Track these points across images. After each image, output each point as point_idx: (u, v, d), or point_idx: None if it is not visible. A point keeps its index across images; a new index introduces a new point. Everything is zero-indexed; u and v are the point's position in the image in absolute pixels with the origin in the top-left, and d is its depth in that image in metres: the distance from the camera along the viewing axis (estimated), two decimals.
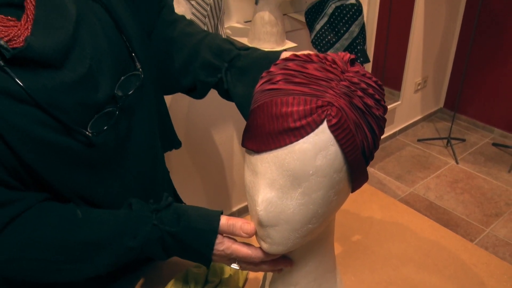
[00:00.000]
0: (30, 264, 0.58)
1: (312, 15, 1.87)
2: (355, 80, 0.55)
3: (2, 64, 0.51)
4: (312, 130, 0.53)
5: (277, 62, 0.60)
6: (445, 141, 3.14)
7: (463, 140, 3.17)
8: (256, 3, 1.62)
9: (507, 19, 2.96)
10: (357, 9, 1.75)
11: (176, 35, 0.79)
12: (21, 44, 0.52)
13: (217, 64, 0.75)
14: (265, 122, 0.55)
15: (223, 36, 1.51)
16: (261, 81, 0.59)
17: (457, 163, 2.92)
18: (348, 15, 1.75)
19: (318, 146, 0.54)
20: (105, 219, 0.61)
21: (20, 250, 0.57)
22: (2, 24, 0.52)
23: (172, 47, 0.78)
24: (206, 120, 1.92)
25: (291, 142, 0.54)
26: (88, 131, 0.58)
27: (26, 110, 0.53)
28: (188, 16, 1.39)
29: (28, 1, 0.54)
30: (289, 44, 1.73)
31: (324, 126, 0.53)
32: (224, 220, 0.63)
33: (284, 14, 1.90)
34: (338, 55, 0.57)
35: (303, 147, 0.54)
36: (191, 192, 2.09)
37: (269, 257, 0.64)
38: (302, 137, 0.53)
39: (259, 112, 0.56)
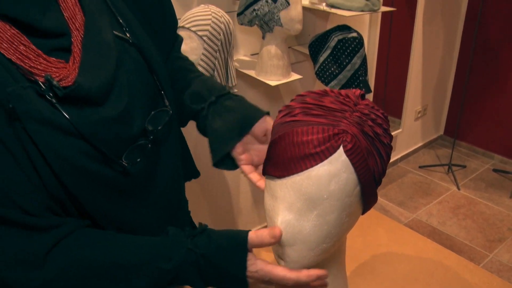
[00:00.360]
0: (71, 285, 0.62)
1: (315, 48, 1.96)
2: (366, 111, 0.62)
3: (54, 101, 0.57)
4: (330, 154, 0.60)
5: (295, 97, 0.67)
6: (446, 167, 3.20)
7: (464, 167, 3.23)
8: (263, 37, 1.71)
9: (502, 49, 3.06)
10: (359, 42, 1.84)
11: (177, 68, 0.86)
12: (69, 83, 0.59)
13: (205, 95, 0.81)
14: (286, 150, 0.62)
15: (232, 69, 1.60)
16: (280, 115, 0.66)
17: (458, 189, 2.97)
18: (350, 48, 1.84)
19: (332, 173, 0.60)
20: (142, 243, 0.65)
21: (62, 272, 0.60)
22: (54, 66, 0.59)
23: (175, 75, 0.85)
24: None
25: (310, 167, 0.61)
26: (124, 162, 0.64)
27: (72, 142, 0.59)
28: (200, 50, 1.48)
29: (74, 45, 0.61)
30: (295, 76, 1.81)
31: (340, 152, 0.60)
32: (252, 234, 0.65)
33: (289, 47, 1.99)
34: (350, 90, 0.65)
35: (319, 173, 0.60)
36: (198, 219, 2.13)
37: (303, 277, 0.65)
38: (321, 161, 0.60)
39: (280, 141, 0.63)
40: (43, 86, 0.57)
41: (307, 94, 0.66)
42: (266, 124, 0.78)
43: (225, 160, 0.79)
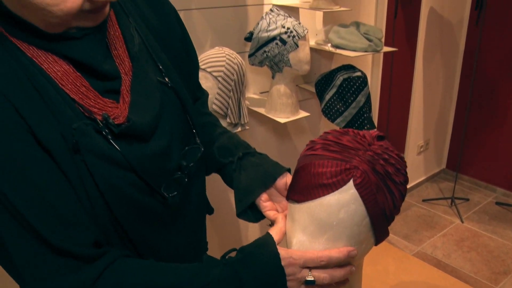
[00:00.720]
0: None
1: (321, 86, 2.06)
2: (379, 151, 0.70)
3: (110, 137, 0.65)
4: (341, 186, 0.67)
5: (322, 134, 0.76)
6: (449, 200, 3.26)
7: (467, 200, 3.29)
8: (273, 77, 1.81)
9: (500, 85, 3.17)
10: (363, 81, 1.94)
11: (205, 122, 0.94)
12: (121, 121, 0.67)
13: (232, 150, 0.90)
14: (305, 178, 0.71)
15: (245, 107, 1.69)
16: (305, 148, 0.75)
17: (462, 222, 3.02)
18: (355, 86, 1.93)
19: (342, 202, 0.68)
20: (181, 267, 0.70)
21: None
22: (108, 105, 0.67)
23: (201, 130, 0.92)
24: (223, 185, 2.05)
25: (323, 195, 0.68)
26: (164, 193, 0.72)
27: (123, 174, 0.67)
28: (215, 90, 1.57)
29: (123, 87, 0.70)
30: (303, 114, 1.90)
31: (350, 185, 0.67)
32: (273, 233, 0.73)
33: (296, 85, 2.09)
34: (369, 132, 0.73)
35: (330, 201, 0.68)
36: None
37: (334, 253, 0.69)
38: (332, 191, 0.68)
39: (301, 171, 0.72)
40: (101, 124, 0.65)
41: (330, 132, 0.75)
42: (287, 178, 0.85)
43: (248, 212, 0.86)
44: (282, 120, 1.82)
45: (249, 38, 1.72)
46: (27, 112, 0.59)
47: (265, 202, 0.84)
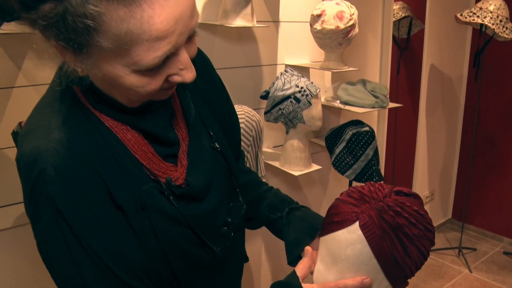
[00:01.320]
0: None
1: (331, 140, 2.17)
2: (391, 204, 0.80)
3: (171, 198, 0.75)
4: (348, 225, 0.79)
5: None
6: (457, 250, 3.30)
7: (474, 250, 3.33)
8: (287, 132, 1.92)
9: (501, 137, 3.29)
10: (371, 135, 2.05)
11: (249, 180, 1.05)
12: (180, 183, 0.77)
13: (280, 207, 1.01)
14: (327, 216, 0.84)
15: (262, 161, 1.79)
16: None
17: (470, 272, 3.05)
18: (364, 140, 2.04)
19: (349, 241, 0.79)
20: None
21: None
22: (169, 169, 0.77)
23: (246, 187, 1.03)
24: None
25: (335, 231, 0.81)
26: (214, 247, 0.81)
27: (181, 230, 0.76)
28: None
29: (181, 152, 0.80)
30: (315, 167, 2.01)
31: (356, 226, 0.79)
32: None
33: (308, 140, 2.20)
34: (389, 186, 0.84)
35: (340, 238, 0.80)
36: None
37: (349, 281, 0.79)
38: (342, 228, 0.80)
39: (328, 211, 0.86)
40: (164, 186, 0.75)
41: (366, 184, 0.86)
42: None
43: (297, 260, 0.94)
44: (296, 173, 1.92)
45: (265, 96, 1.85)
46: (106, 175, 0.69)
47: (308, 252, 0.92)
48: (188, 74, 0.67)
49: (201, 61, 0.90)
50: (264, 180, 1.85)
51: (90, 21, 0.55)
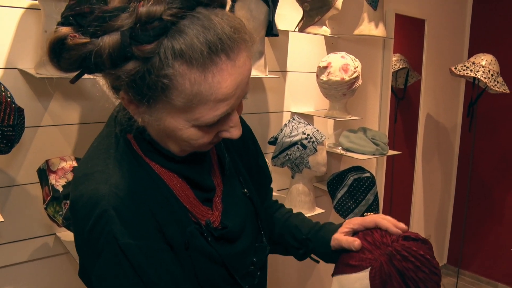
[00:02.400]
0: None
1: (333, 185, 2.26)
2: (399, 248, 0.88)
3: (209, 239, 0.82)
4: (362, 270, 0.88)
5: None
6: None
7: None
8: (293, 177, 2.01)
9: (495, 185, 3.40)
10: (372, 181, 2.14)
11: (279, 216, 1.13)
12: (215, 225, 0.84)
13: (303, 244, 1.08)
14: (343, 256, 0.93)
15: None
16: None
17: None
18: (365, 186, 2.13)
19: (358, 277, 0.88)
20: None
21: None
22: (207, 212, 0.85)
23: (274, 223, 1.12)
24: None
25: (349, 273, 0.90)
26: (242, 284, 0.88)
27: (217, 268, 0.84)
28: None
29: (216, 197, 0.88)
30: (318, 210, 2.08)
31: (367, 272, 0.87)
32: None
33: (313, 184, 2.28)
34: (400, 231, 0.92)
35: (352, 277, 0.89)
36: None
37: None
38: (356, 272, 0.88)
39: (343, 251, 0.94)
40: (203, 227, 0.83)
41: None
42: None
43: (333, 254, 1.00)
44: None
45: (272, 142, 1.95)
46: (158, 215, 0.77)
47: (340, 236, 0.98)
48: (236, 132, 0.76)
49: None
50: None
51: (167, 81, 0.64)
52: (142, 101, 0.67)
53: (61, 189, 1.29)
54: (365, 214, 2.18)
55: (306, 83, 2.22)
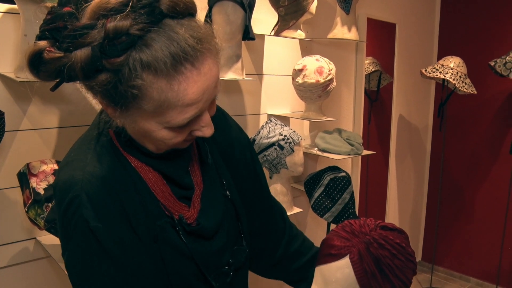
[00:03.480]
0: None
1: (310, 185, 2.30)
2: (376, 237, 0.93)
3: (181, 233, 0.85)
4: (342, 258, 0.92)
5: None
6: None
7: None
8: (271, 177, 2.05)
9: (466, 184, 3.51)
10: (348, 180, 2.20)
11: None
12: (190, 222, 0.87)
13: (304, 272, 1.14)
14: (323, 248, 0.97)
15: None
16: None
17: None
18: (341, 185, 2.18)
19: (339, 266, 0.93)
20: None
21: None
22: (182, 208, 0.88)
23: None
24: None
25: (329, 262, 0.94)
26: (213, 283, 0.91)
27: (187, 263, 0.86)
28: None
29: (195, 196, 0.91)
30: (296, 210, 2.13)
31: (347, 259, 0.92)
32: None
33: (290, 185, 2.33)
34: (378, 222, 0.97)
35: (333, 266, 0.93)
36: None
37: None
38: (337, 260, 0.93)
39: (323, 241, 0.98)
40: (176, 222, 0.86)
41: (361, 219, 0.99)
42: None
43: None
44: None
45: (251, 148, 1.98)
46: (128, 206, 0.81)
47: None
48: (208, 130, 0.81)
49: (221, 118, 1.03)
50: None
51: (136, 91, 0.69)
52: (116, 107, 0.72)
53: (42, 192, 1.30)
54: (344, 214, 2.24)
55: (282, 85, 2.27)
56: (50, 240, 1.48)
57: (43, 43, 0.67)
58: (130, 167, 0.84)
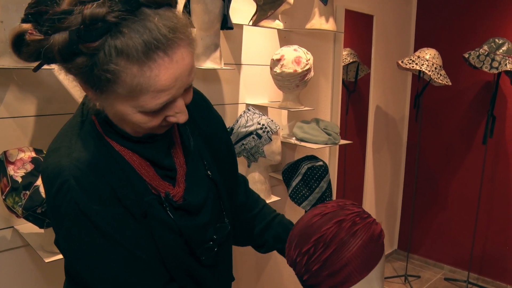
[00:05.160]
0: None
1: (288, 174, 2.34)
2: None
3: (168, 209, 0.90)
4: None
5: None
6: (403, 278, 3.51)
7: (419, 277, 3.56)
8: (249, 166, 2.08)
9: (440, 174, 3.59)
10: (325, 169, 2.24)
11: (257, 213, 1.22)
12: (177, 199, 0.91)
13: (284, 238, 1.17)
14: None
15: None
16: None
17: None
18: (318, 174, 2.22)
19: None
20: None
21: None
22: (167, 187, 0.92)
23: (254, 219, 1.21)
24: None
25: None
26: (200, 256, 0.96)
27: (175, 237, 0.91)
28: None
29: (179, 176, 0.95)
30: (274, 198, 2.16)
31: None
32: None
33: (268, 173, 2.36)
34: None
35: None
36: None
37: None
38: None
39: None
40: (163, 198, 0.90)
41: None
42: None
43: None
44: None
45: (228, 133, 2.00)
46: (116, 186, 0.85)
47: None
48: (182, 117, 0.84)
49: (203, 103, 1.09)
50: None
51: (110, 75, 0.72)
52: (94, 90, 0.76)
53: (20, 180, 1.30)
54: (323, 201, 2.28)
55: (260, 75, 2.29)
56: (28, 228, 1.47)
57: (26, 26, 0.70)
58: (114, 151, 0.88)
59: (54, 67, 0.77)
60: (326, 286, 0.94)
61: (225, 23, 1.73)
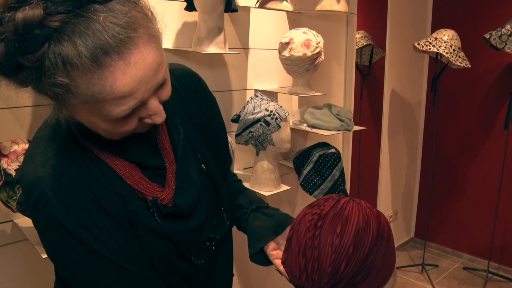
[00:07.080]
0: None
1: (299, 162, 2.26)
2: None
3: (156, 215, 0.82)
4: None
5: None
6: (420, 267, 3.43)
7: (436, 266, 3.46)
8: (257, 154, 2.00)
9: (458, 159, 3.47)
10: (337, 157, 2.15)
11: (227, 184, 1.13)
12: (166, 202, 0.84)
13: (246, 206, 1.08)
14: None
15: None
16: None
17: (433, 287, 3.18)
18: (330, 162, 2.14)
19: None
20: None
21: None
22: (156, 189, 0.84)
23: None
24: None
25: None
26: (194, 260, 0.88)
27: (165, 243, 0.84)
28: None
29: (168, 174, 0.87)
30: (284, 187, 2.08)
31: None
32: None
33: (278, 162, 2.28)
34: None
35: None
36: None
37: None
38: None
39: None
40: (150, 204, 0.82)
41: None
42: None
43: (259, 256, 1.02)
44: (266, 193, 1.99)
45: (235, 120, 1.93)
46: (98, 194, 0.77)
47: (272, 251, 1.00)
48: (158, 118, 0.75)
49: (199, 89, 0.99)
50: None
51: (58, 89, 0.62)
52: (50, 100, 0.67)
53: (14, 173, 1.25)
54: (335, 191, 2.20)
55: (269, 60, 2.20)
56: (28, 222, 1.44)
57: None
58: (95, 156, 0.80)
59: None
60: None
61: (229, 5, 1.64)
